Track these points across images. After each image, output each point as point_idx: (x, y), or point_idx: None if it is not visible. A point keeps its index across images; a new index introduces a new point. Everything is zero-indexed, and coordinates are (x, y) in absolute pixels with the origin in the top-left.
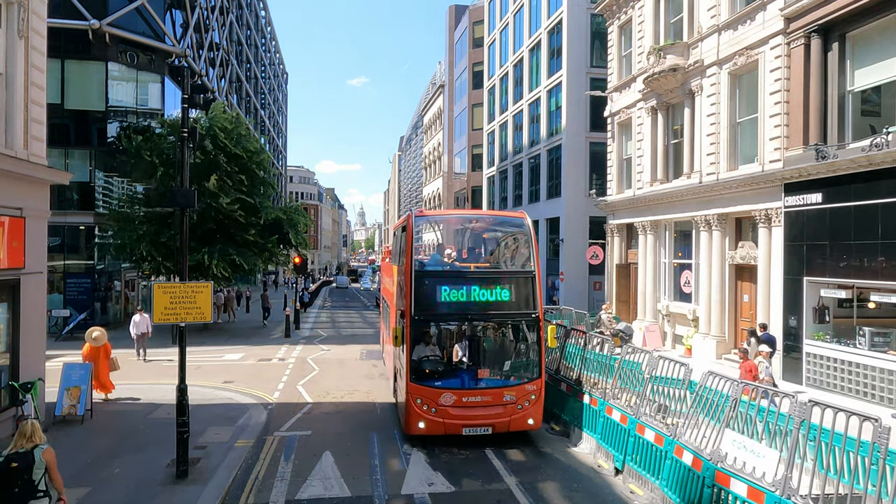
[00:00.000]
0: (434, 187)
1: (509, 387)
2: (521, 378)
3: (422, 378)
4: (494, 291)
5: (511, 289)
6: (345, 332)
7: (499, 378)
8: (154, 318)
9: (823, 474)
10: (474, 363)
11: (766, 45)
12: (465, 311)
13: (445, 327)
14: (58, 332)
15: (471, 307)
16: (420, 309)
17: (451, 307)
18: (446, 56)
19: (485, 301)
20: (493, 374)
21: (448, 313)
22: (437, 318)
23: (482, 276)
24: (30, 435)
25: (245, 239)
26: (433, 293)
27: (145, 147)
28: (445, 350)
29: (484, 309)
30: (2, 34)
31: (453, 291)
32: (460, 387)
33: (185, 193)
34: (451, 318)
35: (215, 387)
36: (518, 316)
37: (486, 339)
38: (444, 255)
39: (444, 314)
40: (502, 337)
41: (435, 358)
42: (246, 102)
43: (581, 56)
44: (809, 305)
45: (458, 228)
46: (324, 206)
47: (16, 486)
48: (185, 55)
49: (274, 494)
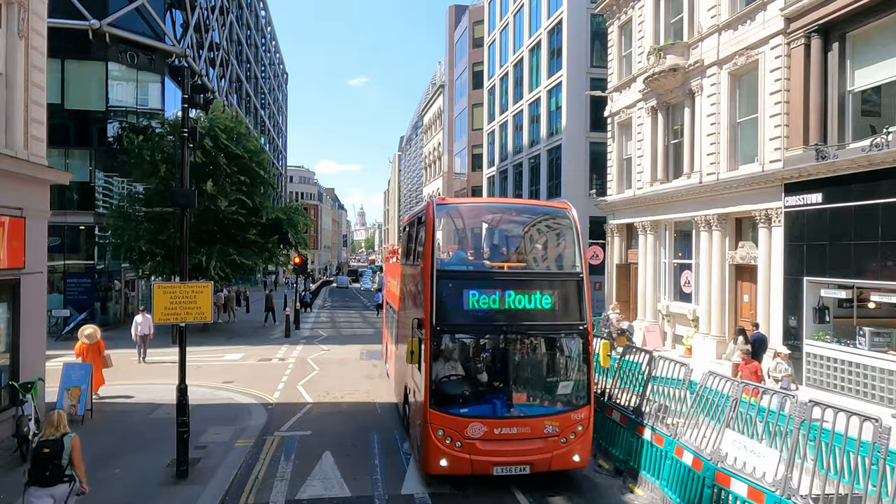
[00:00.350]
0: (434, 187)
1: (551, 415)
2: (566, 404)
3: (444, 403)
4: (533, 297)
5: (553, 294)
6: (345, 331)
7: (538, 404)
8: (154, 318)
9: (823, 474)
10: (508, 386)
11: (767, 45)
12: (498, 322)
13: (473, 341)
14: (58, 332)
15: (504, 316)
16: (443, 318)
17: (481, 316)
18: (446, 56)
19: (521, 309)
20: (531, 400)
21: (477, 324)
22: (463, 329)
23: (518, 279)
24: (57, 424)
25: (245, 239)
26: (459, 299)
27: (146, 147)
28: (473, 369)
29: (520, 319)
30: (2, 34)
31: (483, 297)
32: (491, 415)
33: (185, 193)
34: (480, 330)
35: (215, 387)
36: (562, 328)
37: (523, 355)
38: (469, 253)
39: (471, 325)
40: (542, 353)
41: (460, 379)
42: (246, 102)
43: (581, 56)
44: (809, 305)
45: (487, 220)
46: (324, 206)
47: (47, 470)
48: (185, 55)
49: (274, 494)
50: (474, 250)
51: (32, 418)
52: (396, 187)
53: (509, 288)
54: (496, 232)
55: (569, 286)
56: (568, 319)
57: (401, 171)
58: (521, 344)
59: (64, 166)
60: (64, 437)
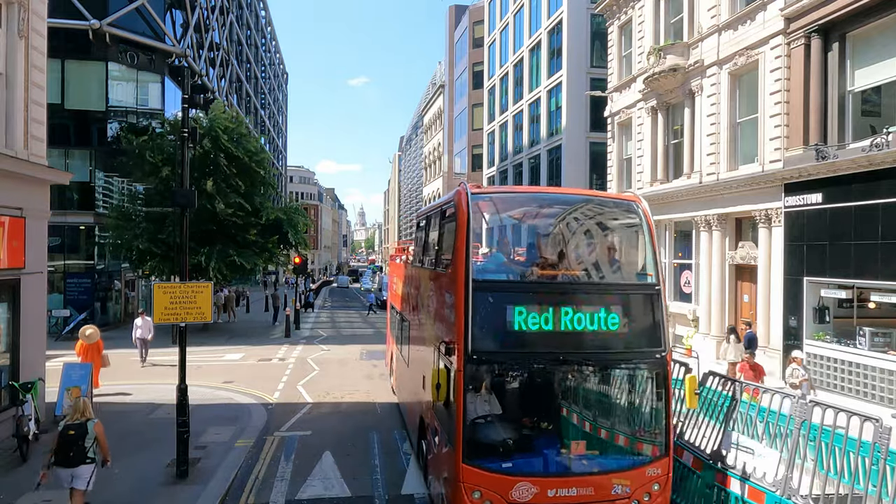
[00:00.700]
0: (434, 187)
1: (621, 471)
2: (639, 456)
3: (481, 456)
4: (596, 316)
5: (622, 312)
6: (345, 331)
7: (604, 457)
8: (154, 318)
9: (823, 474)
10: (565, 433)
11: (767, 46)
12: (551, 348)
13: (519, 374)
14: (58, 332)
15: (559, 341)
16: (481, 343)
17: (530, 341)
18: (446, 56)
19: (581, 331)
20: (594, 451)
21: (525, 351)
22: (507, 358)
23: (576, 292)
24: (82, 410)
25: (245, 239)
26: (501, 318)
27: (146, 147)
28: (519, 411)
29: (579, 344)
30: (2, 34)
31: (533, 316)
32: (544, 472)
33: (185, 194)
34: (529, 359)
35: (215, 387)
36: (633, 355)
37: (583, 392)
38: (511, 257)
39: (518, 352)
40: (608, 390)
41: (503, 424)
42: (246, 102)
43: (581, 56)
44: (809, 305)
45: (535, 214)
46: (324, 206)
47: (71, 451)
48: (185, 55)
49: (274, 494)
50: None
51: (32, 418)
52: (396, 187)
53: (565, 303)
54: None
55: (642, 301)
56: (641, 345)
57: (401, 171)
58: (581, 377)
59: (64, 166)
60: (87, 423)
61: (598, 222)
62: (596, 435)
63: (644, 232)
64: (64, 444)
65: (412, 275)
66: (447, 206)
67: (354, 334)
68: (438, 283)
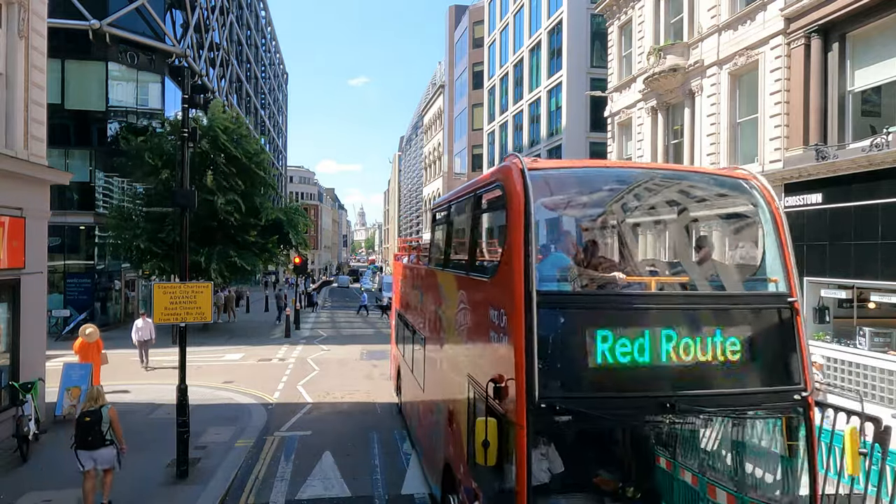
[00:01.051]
0: (434, 187)
1: None
2: None
3: None
4: (710, 342)
5: (746, 335)
6: (345, 331)
7: None
8: (154, 318)
9: (823, 474)
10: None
11: (767, 46)
12: (650, 389)
13: (607, 427)
14: (58, 332)
15: (659, 378)
16: (553, 386)
17: (619, 379)
18: (446, 56)
19: (690, 364)
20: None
21: (615, 395)
22: (591, 406)
23: (682, 307)
24: (96, 397)
25: (245, 240)
26: (580, 347)
27: (146, 148)
28: (604, 478)
29: (686, 382)
30: (2, 34)
31: (623, 343)
32: None
33: (185, 194)
34: (620, 407)
35: (215, 387)
36: (762, 397)
37: (686, 450)
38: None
39: (606, 397)
40: (729, 446)
41: (579, 494)
42: (246, 102)
43: (581, 56)
44: (809, 305)
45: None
46: (324, 207)
47: (89, 436)
48: (185, 55)
49: (274, 494)
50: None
51: (32, 418)
52: (396, 187)
53: (666, 324)
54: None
55: (772, 319)
56: (772, 381)
57: (401, 171)
58: (686, 429)
59: (64, 166)
60: (102, 408)
61: (703, 209)
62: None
63: (769, 221)
64: (82, 430)
65: (428, 279)
66: (486, 189)
67: (354, 334)
68: (474, 293)
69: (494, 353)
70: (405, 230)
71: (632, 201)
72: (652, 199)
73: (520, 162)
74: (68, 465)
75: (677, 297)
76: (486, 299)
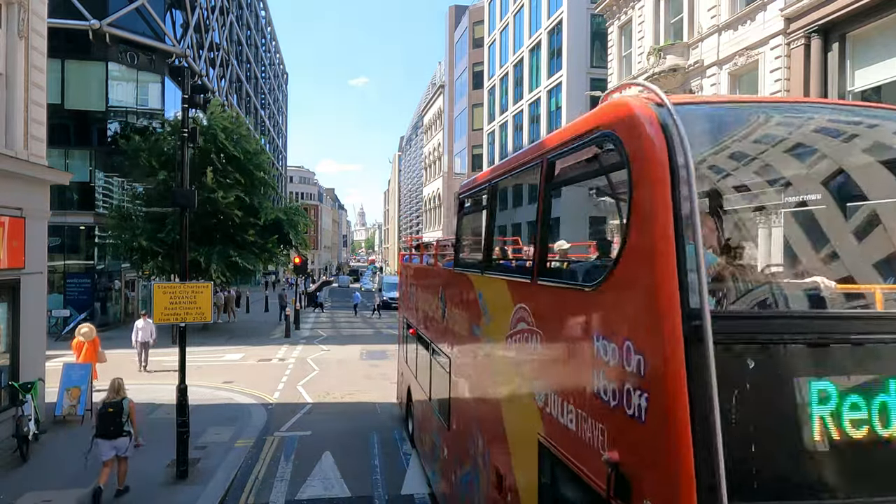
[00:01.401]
0: (434, 187)
1: None
2: None
3: None
4: None
5: None
6: (345, 332)
7: None
8: (154, 318)
9: None
10: None
11: (767, 46)
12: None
13: None
14: (58, 332)
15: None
16: (744, 487)
17: (848, 470)
18: (446, 56)
19: None
20: None
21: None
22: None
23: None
24: (118, 389)
25: (245, 240)
26: (781, 412)
27: (143, 149)
28: None
29: None
30: (2, 34)
31: (854, 401)
32: None
33: (185, 194)
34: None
35: (215, 387)
36: None
37: None
38: (728, 254)
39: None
40: None
41: None
42: (246, 102)
43: (581, 56)
44: None
45: (809, 152)
46: (324, 207)
47: (111, 426)
48: (185, 55)
49: (274, 494)
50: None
51: (32, 418)
52: (396, 187)
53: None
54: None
55: None
56: None
57: (401, 171)
58: None
59: (64, 166)
60: (123, 401)
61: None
62: None
63: None
64: (104, 420)
65: (454, 286)
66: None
67: (354, 334)
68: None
69: (609, 416)
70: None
71: (832, 155)
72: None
73: (658, 91)
74: (68, 465)
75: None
76: (585, 324)
